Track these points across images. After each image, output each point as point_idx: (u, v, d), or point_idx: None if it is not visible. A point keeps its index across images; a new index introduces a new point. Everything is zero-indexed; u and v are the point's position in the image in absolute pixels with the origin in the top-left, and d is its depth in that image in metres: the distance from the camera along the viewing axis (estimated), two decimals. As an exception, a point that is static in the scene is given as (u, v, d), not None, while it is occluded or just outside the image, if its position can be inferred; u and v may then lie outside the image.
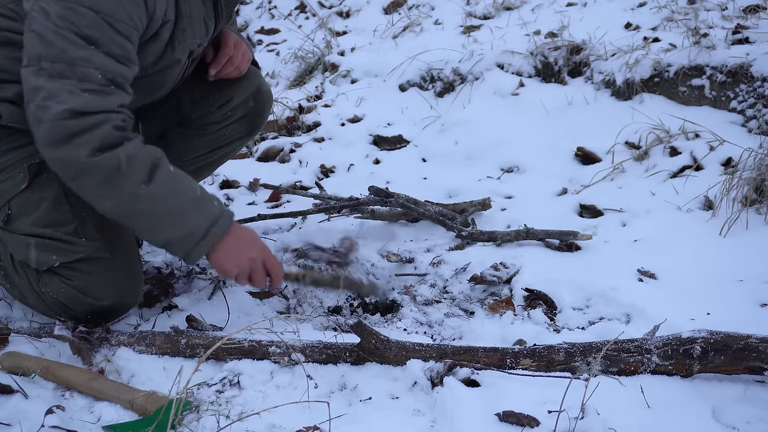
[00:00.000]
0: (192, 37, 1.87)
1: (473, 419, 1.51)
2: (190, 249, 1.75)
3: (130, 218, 1.75)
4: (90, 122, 1.63)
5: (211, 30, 1.92)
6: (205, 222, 1.74)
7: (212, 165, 2.33)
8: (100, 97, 1.65)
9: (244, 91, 2.19)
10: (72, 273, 1.85)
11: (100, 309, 1.87)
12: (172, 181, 1.72)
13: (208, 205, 1.76)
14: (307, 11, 5.14)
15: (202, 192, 1.77)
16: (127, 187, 1.67)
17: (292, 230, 2.64)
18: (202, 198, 1.75)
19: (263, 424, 1.55)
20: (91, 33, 1.63)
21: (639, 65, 3.29)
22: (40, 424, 1.51)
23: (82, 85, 1.63)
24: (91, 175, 1.66)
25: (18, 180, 1.86)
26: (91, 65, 1.64)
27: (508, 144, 3.15)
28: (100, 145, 1.64)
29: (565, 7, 4.15)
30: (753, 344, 1.61)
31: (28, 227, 1.85)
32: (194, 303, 2.08)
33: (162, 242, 1.78)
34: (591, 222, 2.57)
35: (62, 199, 1.86)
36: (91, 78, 1.64)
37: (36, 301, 1.92)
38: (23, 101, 1.79)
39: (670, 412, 1.53)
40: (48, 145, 1.66)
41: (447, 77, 3.69)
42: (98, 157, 1.64)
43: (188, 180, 1.77)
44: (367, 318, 2.09)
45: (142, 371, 1.75)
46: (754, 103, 3.01)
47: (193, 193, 1.74)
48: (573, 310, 2.05)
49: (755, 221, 2.39)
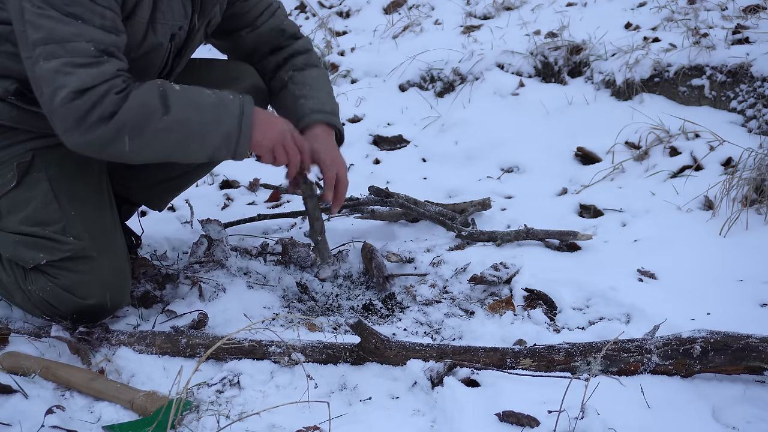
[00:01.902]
0: (172, 18, 1.88)
1: (473, 419, 1.51)
2: (234, 148, 1.82)
3: (170, 152, 1.80)
4: (94, 97, 1.65)
5: (188, 13, 1.93)
6: (235, 119, 1.80)
7: (210, 164, 2.33)
8: (96, 69, 1.66)
9: (238, 89, 2.18)
10: (58, 272, 1.85)
11: (86, 308, 1.87)
12: (187, 98, 1.76)
13: (227, 102, 1.80)
14: (307, 11, 5.14)
15: (216, 93, 1.81)
16: (151, 128, 1.71)
17: (292, 230, 2.64)
18: (219, 99, 1.80)
19: (263, 424, 1.55)
20: (73, 9, 1.65)
21: (639, 65, 3.29)
22: (40, 424, 1.51)
23: (75, 60, 1.65)
24: (115, 141, 1.70)
25: (7, 178, 1.87)
26: (82, 38, 1.66)
27: (508, 144, 3.15)
28: (111, 113, 1.67)
29: (565, 7, 4.15)
30: (753, 344, 1.61)
31: (16, 225, 1.86)
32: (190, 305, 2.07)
33: (208, 155, 1.83)
34: (591, 222, 2.57)
35: (51, 197, 1.86)
36: (83, 52, 1.66)
37: (22, 300, 1.92)
38: (13, 96, 1.81)
39: (670, 412, 1.53)
40: (66, 132, 1.69)
41: (447, 77, 3.69)
42: (113, 122, 1.67)
43: (198, 89, 1.80)
44: (368, 318, 2.09)
45: (142, 371, 1.75)
46: (754, 103, 3.01)
47: (210, 99, 1.78)
48: (573, 310, 2.05)
49: (755, 221, 2.39)
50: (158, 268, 2.25)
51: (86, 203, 1.91)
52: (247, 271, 2.30)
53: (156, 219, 2.63)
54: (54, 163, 1.90)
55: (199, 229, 2.57)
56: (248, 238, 2.54)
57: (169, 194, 2.37)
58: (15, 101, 1.84)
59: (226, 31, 2.19)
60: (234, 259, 2.31)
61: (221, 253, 2.29)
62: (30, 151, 1.89)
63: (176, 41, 1.94)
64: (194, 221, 2.63)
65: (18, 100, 1.83)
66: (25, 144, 1.89)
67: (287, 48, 2.22)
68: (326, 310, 2.15)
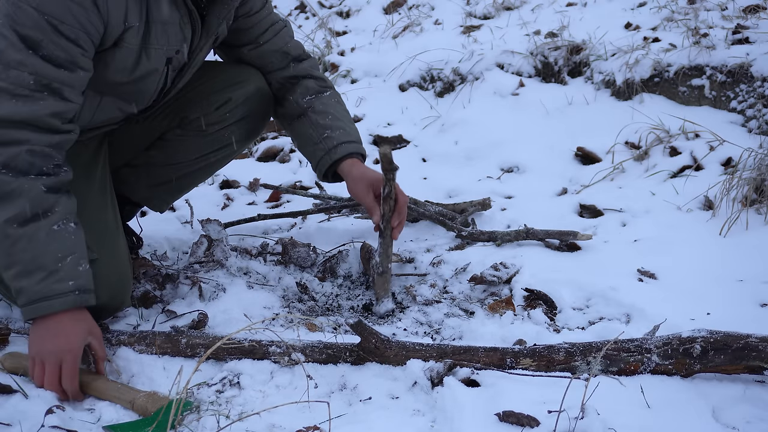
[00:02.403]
0: (167, 44, 1.86)
1: (473, 419, 1.51)
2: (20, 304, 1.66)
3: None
4: (7, 137, 1.61)
5: (188, 37, 1.91)
6: (37, 294, 1.64)
7: (213, 166, 2.33)
8: (27, 104, 1.62)
9: (243, 92, 2.18)
10: None
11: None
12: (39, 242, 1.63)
13: (53, 282, 1.64)
14: (307, 11, 5.14)
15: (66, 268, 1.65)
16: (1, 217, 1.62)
17: (292, 230, 2.64)
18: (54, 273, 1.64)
19: (263, 424, 1.55)
20: (33, 34, 1.62)
21: (639, 65, 3.29)
22: (40, 424, 1.51)
23: (12, 89, 1.62)
24: None
25: None
26: (26, 69, 1.62)
27: (508, 144, 3.15)
28: (4, 164, 1.62)
29: (565, 7, 4.15)
30: (753, 344, 1.61)
31: None
32: (190, 305, 2.07)
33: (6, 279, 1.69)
34: (591, 222, 2.57)
35: None
36: (22, 82, 1.62)
37: None
38: None
39: (670, 412, 1.53)
40: None
41: (447, 77, 3.70)
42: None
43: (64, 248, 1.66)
44: (368, 317, 2.09)
45: (142, 371, 1.75)
46: (754, 103, 3.01)
47: (52, 264, 1.64)
48: (573, 310, 2.05)
49: (755, 221, 2.39)
50: (158, 268, 2.25)
51: (88, 204, 1.91)
52: (247, 271, 2.30)
53: (156, 219, 2.63)
54: None
55: (199, 229, 2.57)
56: (248, 238, 2.54)
57: (171, 196, 2.38)
58: None
59: (229, 46, 2.18)
60: (234, 259, 2.31)
61: (221, 253, 2.29)
62: None
63: (174, 63, 1.93)
64: (194, 221, 2.63)
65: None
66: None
67: (291, 68, 2.21)
68: (326, 310, 2.15)
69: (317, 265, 2.34)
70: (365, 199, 2.07)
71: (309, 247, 2.36)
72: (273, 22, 2.19)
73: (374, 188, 2.06)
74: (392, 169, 1.96)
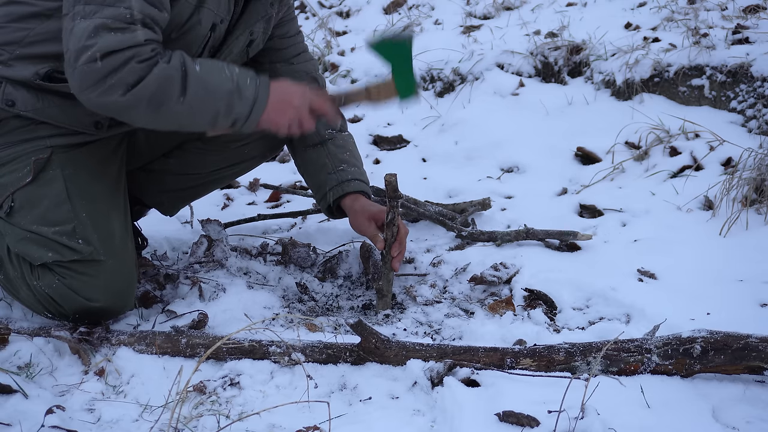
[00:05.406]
0: (217, 7, 1.89)
1: (473, 419, 1.51)
2: (240, 129, 1.82)
3: (180, 125, 1.81)
4: (117, 62, 1.66)
5: (231, 9, 1.94)
6: (247, 107, 1.79)
7: (227, 178, 2.36)
8: (125, 35, 1.67)
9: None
10: (66, 272, 1.86)
11: (90, 310, 1.88)
12: (204, 83, 1.74)
13: (243, 89, 1.78)
14: (307, 11, 5.14)
15: (234, 75, 1.78)
16: (167, 107, 1.72)
17: (292, 230, 2.64)
18: (236, 85, 1.78)
19: (263, 424, 1.55)
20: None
21: (639, 65, 3.30)
22: (40, 424, 1.51)
23: (109, 23, 1.66)
24: (129, 110, 1.71)
25: (24, 173, 1.88)
26: (122, 4, 1.67)
27: (507, 144, 3.15)
28: (132, 82, 1.68)
29: (565, 7, 4.15)
30: (753, 344, 1.61)
31: (27, 222, 1.86)
32: (190, 305, 2.07)
33: (216, 130, 1.84)
34: (591, 222, 2.57)
35: (64, 197, 1.87)
36: (119, 17, 1.67)
37: (27, 295, 1.92)
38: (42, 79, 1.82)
39: (670, 412, 1.53)
40: (83, 91, 1.69)
41: (447, 77, 3.70)
42: (132, 93, 1.67)
43: (218, 70, 1.78)
44: (368, 317, 2.09)
45: (142, 371, 1.74)
46: (754, 103, 3.01)
47: (226, 86, 1.76)
48: (573, 310, 2.05)
49: (755, 221, 2.39)
50: (158, 268, 2.25)
51: (99, 205, 1.92)
52: (247, 271, 2.31)
53: (156, 219, 2.62)
54: (71, 163, 1.91)
55: (199, 229, 2.57)
56: (248, 238, 2.54)
57: (183, 201, 2.40)
58: (43, 84, 1.84)
59: (263, 62, 2.22)
60: (234, 259, 2.32)
61: (221, 253, 2.29)
62: (49, 148, 1.89)
63: (216, 34, 1.95)
64: (194, 221, 2.63)
65: (46, 82, 1.84)
66: (45, 140, 1.90)
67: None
68: (326, 310, 2.15)
69: (317, 265, 2.34)
70: (367, 230, 2.14)
71: (309, 247, 2.36)
72: (305, 50, 2.29)
73: (376, 220, 2.13)
74: (397, 197, 2.01)
